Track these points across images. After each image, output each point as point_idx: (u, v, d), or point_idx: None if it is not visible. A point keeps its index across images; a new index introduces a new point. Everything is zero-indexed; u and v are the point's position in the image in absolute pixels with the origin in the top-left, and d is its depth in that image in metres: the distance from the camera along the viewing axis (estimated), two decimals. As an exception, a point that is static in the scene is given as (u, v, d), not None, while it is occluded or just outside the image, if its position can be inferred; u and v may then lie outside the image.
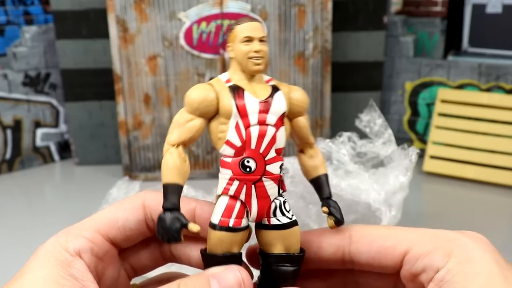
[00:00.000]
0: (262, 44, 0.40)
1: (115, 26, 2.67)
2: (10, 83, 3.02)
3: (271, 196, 0.40)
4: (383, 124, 1.71)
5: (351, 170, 1.63)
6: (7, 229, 2.38)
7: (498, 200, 2.62)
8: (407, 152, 1.66)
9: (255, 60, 0.40)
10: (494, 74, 2.89)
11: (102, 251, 0.40)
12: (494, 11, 3.15)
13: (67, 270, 0.36)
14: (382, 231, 0.39)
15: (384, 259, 0.38)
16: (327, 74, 2.81)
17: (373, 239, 0.39)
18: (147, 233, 0.43)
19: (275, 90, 0.40)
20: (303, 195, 1.66)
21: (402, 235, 0.38)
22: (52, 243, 0.38)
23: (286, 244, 0.40)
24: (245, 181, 0.39)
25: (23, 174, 3.10)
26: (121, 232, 0.41)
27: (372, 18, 2.96)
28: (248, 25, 0.40)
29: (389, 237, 0.38)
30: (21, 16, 3.31)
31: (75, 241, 0.38)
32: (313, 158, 0.43)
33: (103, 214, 0.42)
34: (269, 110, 0.39)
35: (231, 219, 0.39)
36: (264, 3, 2.68)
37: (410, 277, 0.37)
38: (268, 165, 0.39)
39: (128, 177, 2.89)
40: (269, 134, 0.39)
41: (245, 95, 0.39)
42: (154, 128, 2.88)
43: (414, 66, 3.10)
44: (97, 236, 0.40)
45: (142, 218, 0.42)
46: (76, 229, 0.40)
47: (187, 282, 0.36)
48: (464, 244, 0.36)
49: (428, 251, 0.36)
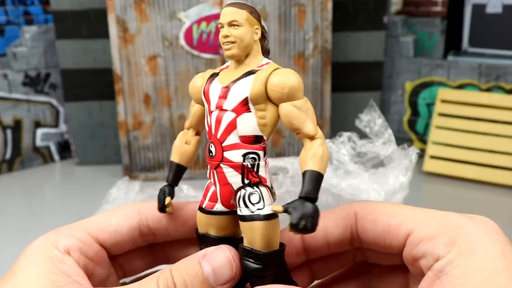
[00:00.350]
0: (233, 28, 0.39)
1: (115, 26, 2.67)
2: (10, 83, 3.02)
3: (233, 184, 0.39)
4: (383, 124, 1.71)
5: (351, 170, 1.63)
6: (7, 229, 2.38)
7: (498, 200, 2.62)
8: (407, 152, 1.66)
9: (225, 45, 0.39)
10: (494, 74, 2.89)
11: (92, 252, 0.40)
12: (494, 11, 3.15)
13: (58, 266, 0.36)
14: (388, 208, 0.37)
15: (389, 238, 0.36)
16: (327, 74, 2.81)
17: (379, 217, 0.37)
18: (138, 241, 0.43)
19: (247, 74, 0.38)
20: (303, 195, 1.66)
21: (408, 214, 0.36)
22: (42, 241, 0.38)
23: (248, 237, 0.38)
24: (211, 166, 0.41)
25: (23, 174, 3.10)
26: (112, 237, 0.41)
27: (372, 18, 2.96)
28: (222, 12, 0.40)
29: (395, 215, 0.37)
30: (21, 16, 3.31)
31: (65, 239, 0.38)
32: (305, 150, 0.37)
33: (96, 218, 0.42)
34: (228, 95, 0.38)
35: (205, 201, 0.41)
36: (264, 3, 2.68)
37: (411, 260, 0.35)
38: (225, 151, 0.39)
39: (128, 177, 2.89)
40: (225, 120, 0.38)
41: (213, 81, 0.40)
42: (154, 128, 2.88)
43: (414, 66, 3.10)
44: (87, 237, 0.40)
45: (135, 225, 0.42)
46: (67, 229, 0.40)
47: (179, 266, 0.36)
48: (471, 232, 0.33)
49: (431, 236, 0.34)
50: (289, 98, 0.37)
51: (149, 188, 2.65)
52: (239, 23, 0.39)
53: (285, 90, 0.37)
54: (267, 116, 0.38)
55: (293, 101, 0.38)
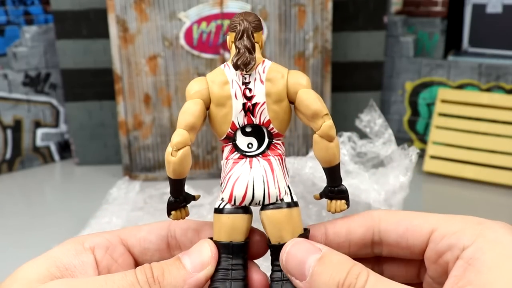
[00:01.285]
0: None
1: (115, 26, 2.67)
2: (10, 83, 3.02)
3: None
4: (383, 124, 1.71)
5: (351, 170, 1.63)
6: (7, 229, 2.38)
7: (498, 200, 2.62)
8: (407, 152, 1.66)
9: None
10: (494, 74, 2.89)
11: (117, 253, 0.41)
12: (494, 11, 3.15)
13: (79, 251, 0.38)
14: (409, 213, 0.39)
15: (412, 237, 0.38)
16: (327, 74, 2.81)
17: (401, 218, 0.39)
18: (165, 252, 0.43)
19: None
20: (303, 195, 1.66)
21: (429, 216, 0.38)
22: (69, 240, 0.40)
23: None
24: None
25: (23, 174, 3.10)
26: (140, 243, 0.42)
27: (372, 18, 2.96)
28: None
29: (416, 216, 0.38)
30: (21, 16, 3.31)
31: (92, 238, 0.40)
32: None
33: (127, 227, 0.44)
34: None
35: None
36: (264, 3, 2.68)
37: (435, 256, 0.36)
38: None
39: (128, 177, 2.89)
40: None
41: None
42: (154, 128, 2.88)
43: (414, 66, 3.10)
44: (116, 238, 0.41)
45: (164, 234, 0.42)
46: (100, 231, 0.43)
47: (161, 262, 0.38)
48: (493, 227, 0.35)
49: (455, 231, 0.35)
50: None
51: (149, 188, 2.65)
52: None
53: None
54: None
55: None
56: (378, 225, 0.40)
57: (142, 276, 0.36)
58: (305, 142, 2.91)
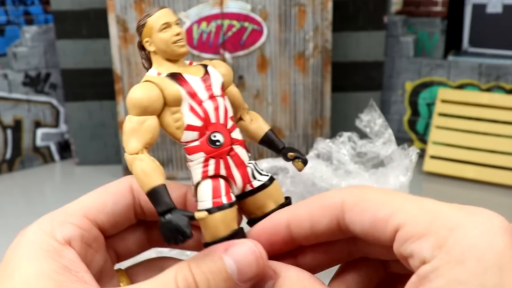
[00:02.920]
0: (179, 27, 0.40)
1: (115, 26, 2.67)
2: (10, 83, 3.02)
3: (245, 161, 0.41)
4: (383, 124, 1.71)
5: (351, 170, 1.63)
6: (7, 229, 2.38)
7: (498, 200, 2.62)
8: (407, 152, 1.66)
9: (180, 42, 0.40)
10: (494, 74, 2.89)
11: (92, 238, 0.36)
12: (494, 11, 3.15)
13: (59, 262, 0.32)
14: (378, 197, 0.33)
15: (377, 232, 0.32)
16: (327, 74, 2.81)
17: (366, 207, 0.33)
18: (132, 219, 0.40)
19: (204, 66, 0.41)
20: (303, 195, 1.66)
21: (398, 205, 0.32)
22: (35, 232, 0.34)
23: (275, 199, 0.41)
24: (220, 156, 0.39)
25: (23, 174, 3.10)
26: (109, 218, 0.38)
27: (372, 18, 2.96)
28: (160, 13, 0.40)
29: (384, 205, 0.32)
30: (21, 16, 3.31)
31: (63, 228, 0.35)
32: (253, 121, 0.44)
33: (88, 198, 0.39)
34: (211, 83, 0.40)
35: (222, 197, 0.38)
36: (264, 3, 2.68)
37: (400, 256, 0.31)
38: (231, 133, 0.40)
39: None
40: (220, 105, 0.40)
41: (185, 77, 0.39)
42: (154, 128, 2.88)
43: (414, 66, 3.10)
44: (86, 221, 0.36)
45: (130, 203, 0.39)
46: (61, 214, 0.36)
47: (199, 263, 0.33)
48: (465, 235, 0.28)
49: (420, 234, 0.29)
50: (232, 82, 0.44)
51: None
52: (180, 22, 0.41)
53: (231, 76, 0.43)
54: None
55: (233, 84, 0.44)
56: (342, 214, 0.34)
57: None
58: (305, 142, 2.91)
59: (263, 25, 2.71)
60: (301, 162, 0.43)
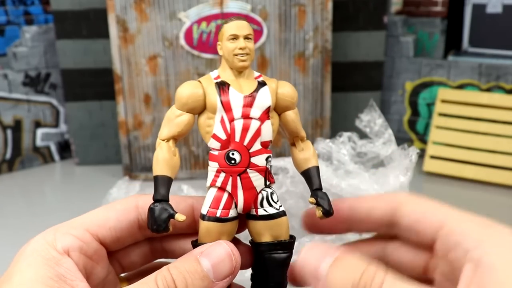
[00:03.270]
0: (248, 41, 0.41)
1: (115, 26, 2.67)
2: (10, 83, 3.02)
3: (257, 187, 0.41)
4: (383, 124, 1.71)
5: (351, 170, 1.63)
6: (7, 229, 2.38)
7: (498, 200, 2.62)
8: (407, 152, 1.66)
9: (240, 57, 0.41)
10: (494, 74, 2.89)
11: (91, 250, 0.39)
12: (494, 11, 3.15)
13: (55, 269, 0.35)
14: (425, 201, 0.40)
15: (422, 229, 0.38)
16: (327, 74, 2.81)
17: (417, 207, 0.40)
18: (138, 236, 0.42)
19: (261, 85, 0.41)
20: (303, 195, 1.66)
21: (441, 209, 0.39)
22: (38, 241, 0.37)
23: (274, 234, 0.42)
24: (231, 173, 0.41)
25: (23, 174, 3.10)
26: (111, 233, 0.40)
27: (372, 18, 2.96)
28: (233, 24, 0.41)
29: (430, 207, 0.39)
30: (21, 16, 3.31)
31: (64, 239, 0.37)
32: (304, 151, 0.44)
33: (93, 213, 0.41)
34: (253, 104, 0.41)
35: (218, 210, 0.41)
36: (264, 3, 2.68)
37: (443, 252, 0.37)
38: (252, 157, 0.41)
39: (128, 177, 2.89)
40: (253, 127, 0.40)
41: (230, 90, 0.40)
42: (154, 128, 2.88)
43: (414, 66, 3.10)
44: (86, 234, 0.39)
45: (134, 220, 0.41)
46: (65, 227, 0.39)
47: (177, 265, 0.36)
48: (501, 231, 0.35)
49: (462, 230, 0.36)
50: (294, 106, 0.43)
51: (149, 188, 2.64)
52: (252, 37, 0.42)
53: (294, 100, 0.43)
54: (275, 122, 0.43)
55: (294, 109, 0.44)
56: (399, 208, 0.40)
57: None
58: (305, 142, 2.91)
59: (263, 25, 2.71)
60: (321, 212, 0.42)
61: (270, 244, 0.41)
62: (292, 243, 0.42)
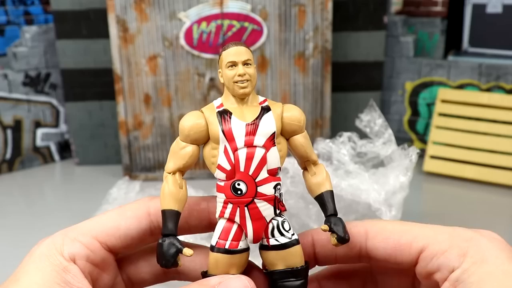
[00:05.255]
0: (247, 67, 0.40)
1: (115, 26, 2.67)
2: (10, 83, 3.02)
3: (267, 217, 0.40)
4: (383, 124, 1.71)
5: (351, 170, 1.63)
6: (7, 229, 2.38)
7: (498, 200, 2.62)
8: (407, 152, 1.66)
9: (240, 83, 0.40)
10: (494, 74, 2.89)
11: (98, 258, 0.39)
12: (494, 11, 3.15)
13: (62, 276, 0.35)
14: (398, 227, 0.39)
15: (400, 256, 0.38)
16: (327, 74, 2.81)
17: (389, 235, 0.39)
18: (149, 241, 0.42)
19: (265, 111, 0.40)
20: (303, 195, 1.66)
21: (418, 232, 0.38)
22: (47, 246, 0.37)
23: (287, 263, 0.41)
24: (238, 204, 0.40)
25: (23, 174, 3.10)
26: (121, 241, 0.40)
27: (372, 18, 2.96)
28: (231, 50, 0.41)
29: (405, 233, 0.38)
30: (21, 16, 3.31)
31: (71, 245, 0.37)
32: (316, 175, 0.43)
33: (103, 219, 0.40)
34: (257, 132, 0.40)
35: (227, 241, 0.40)
36: (264, 3, 2.68)
37: (425, 274, 0.37)
38: (259, 186, 0.40)
39: (128, 177, 2.89)
40: (257, 156, 0.39)
41: (231, 119, 0.40)
42: (154, 128, 2.88)
43: (414, 66, 3.10)
44: (94, 243, 0.39)
45: (145, 228, 0.41)
46: (74, 232, 0.39)
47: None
48: (480, 244, 0.35)
49: (443, 250, 0.36)
50: (302, 130, 0.42)
51: (149, 188, 2.65)
52: (251, 62, 0.41)
53: (301, 123, 0.41)
54: (283, 148, 0.41)
55: (303, 133, 0.42)
56: (364, 241, 0.39)
57: None
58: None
59: (263, 25, 2.71)
60: (336, 239, 0.40)
61: (282, 272, 0.40)
62: (305, 269, 0.41)
